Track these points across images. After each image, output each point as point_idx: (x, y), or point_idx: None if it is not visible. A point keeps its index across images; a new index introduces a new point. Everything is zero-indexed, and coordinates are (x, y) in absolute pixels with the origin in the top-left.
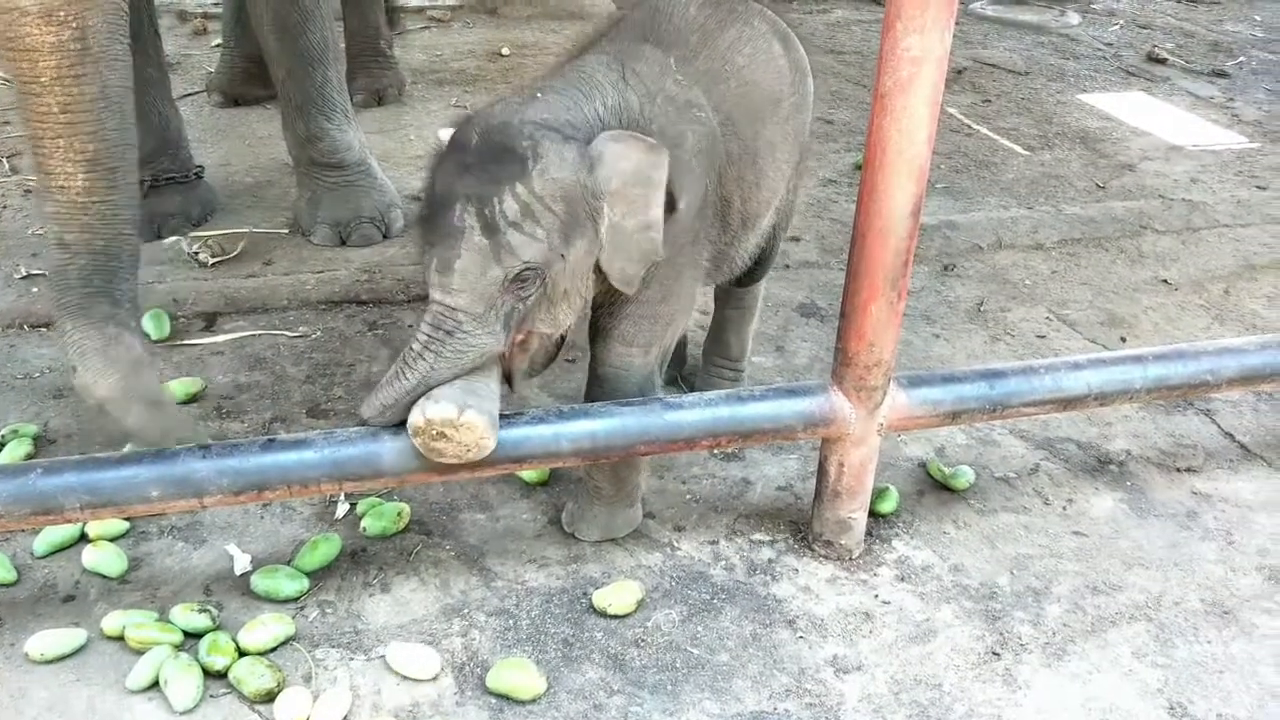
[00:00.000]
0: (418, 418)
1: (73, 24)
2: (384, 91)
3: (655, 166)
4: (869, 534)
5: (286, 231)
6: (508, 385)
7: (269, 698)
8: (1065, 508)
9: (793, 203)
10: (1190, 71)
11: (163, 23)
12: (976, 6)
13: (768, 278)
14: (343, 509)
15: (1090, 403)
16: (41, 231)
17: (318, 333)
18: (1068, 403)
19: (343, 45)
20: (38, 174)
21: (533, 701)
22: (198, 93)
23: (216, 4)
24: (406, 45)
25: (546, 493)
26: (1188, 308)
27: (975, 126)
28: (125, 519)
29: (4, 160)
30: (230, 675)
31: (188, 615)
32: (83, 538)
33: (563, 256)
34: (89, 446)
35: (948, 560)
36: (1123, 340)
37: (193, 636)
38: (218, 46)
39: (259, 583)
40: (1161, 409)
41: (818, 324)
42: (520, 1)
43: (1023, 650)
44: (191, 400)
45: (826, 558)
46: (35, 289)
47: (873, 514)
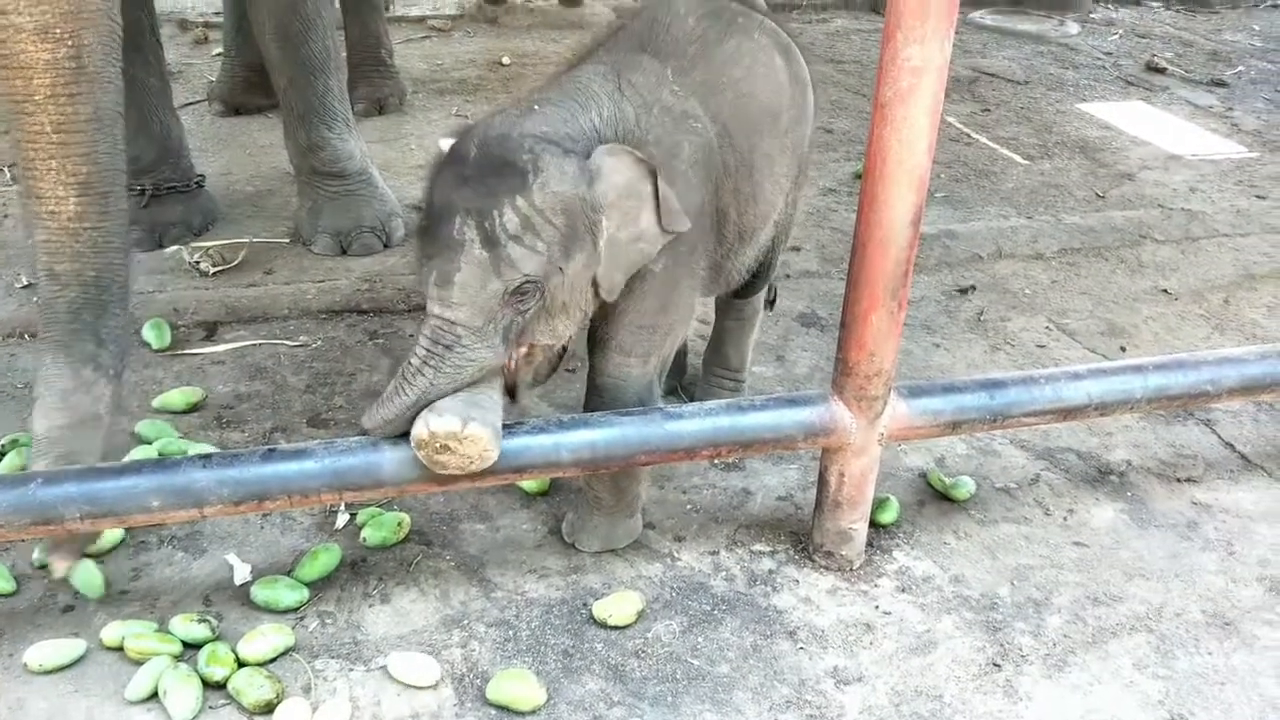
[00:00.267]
0: (421, 431)
1: (68, 42)
2: (385, 100)
3: (643, 178)
4: (869, 544)
5: (287, 241)
6: (510, 397)
7: (268, 709)
8: (1066, 518)
9: (792, 216)
10: (1189, 81)
11: (164, 31)
12: (976, 16)
13: (772, 291)
14: (343, 519)
15: (1090, 413)
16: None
17: (318, 342)
18: (1068, 413)
19: (344, 54)
20: (29, 199)
21: (532, 713)
22: (199, 101)
23: (218, 13)
24: (407, 55)
25: (546, 503)
26: (1187, 317)
27: (975, 136)
28: (125, 529)
29: (4, 170)
30: (229, 686)
31: (187, 625)
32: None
33: (561, 270)
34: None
35: (948, 571)
36: (1123, 350)
37: (192, 647)
38: (219, 55)
39: (259, 593)
40: (1162, 419)
41: (818, 333)
42: (520, 11)
43: (1023, 661)
44: (192, 410)
45: (827, 568)
46: (36, 299)
47: (873, 524)
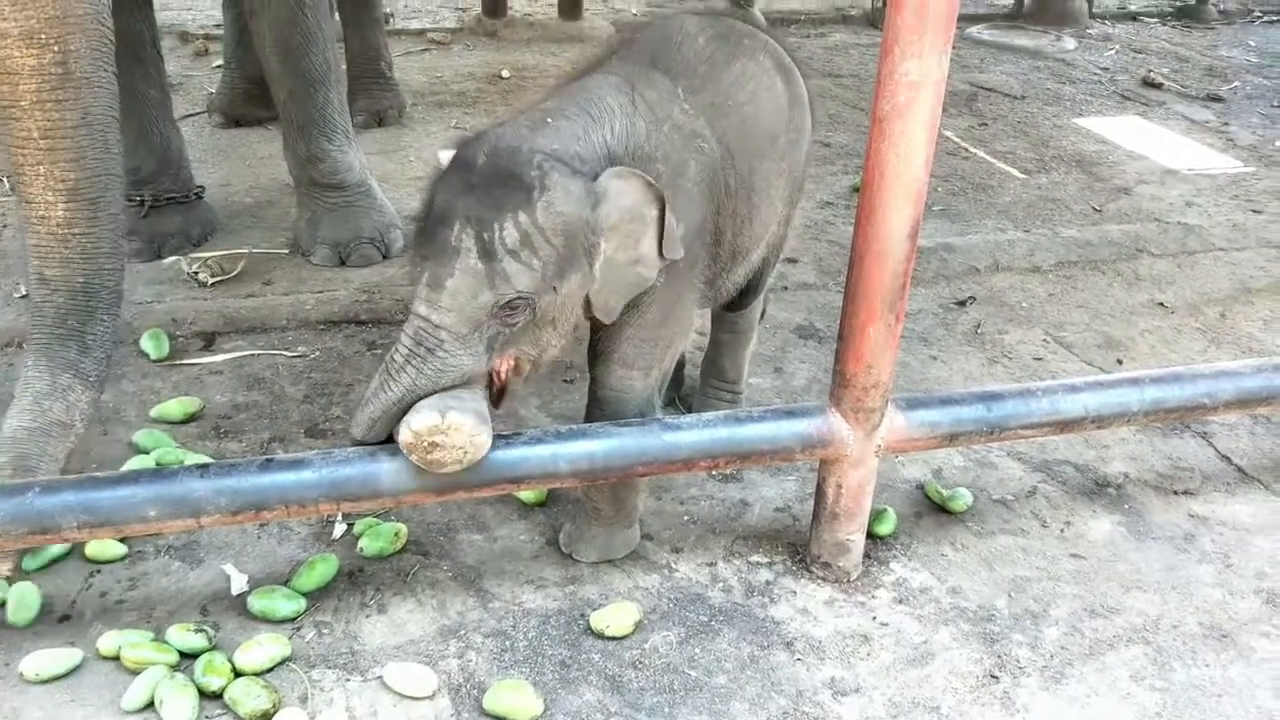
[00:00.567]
0: (405, 435)
1: (54, 47)
2: (384, 113)
3: (650, 203)
4: (867, 556)
5: (286, 252)
6: (495, 405)
7: (265, 719)
8: (1063, 530)
9: (784, 234)
10: (1185, 96)
11: (165, 44)
12: (974, 31)
13: (763, 302)
14: (340, 529)
15: (1087, 425)
16: None
17: (316, 353)
18: (1065, 425)
19: (344, 67)
20: (20, 204)
21: None
22: (199, 113)
23: (219, 25)
24: (407, 67)
25: (544, 513)
26: (1184, 330)
27: (972, 150)
28: (122, 539)
29: (4, 179)
30: (226, 696)
31: (184, 635)
32: (79, 556)
33: (555, 289)
34: (87, 466)
35: (946, 582)
36: (1119, 363)
37: (189, 657)
38: (219, 68)
39: (256, 603)
40: (1159, 432)
41: (816, 345)
42: (520, 25)
43: (1021, 673)
44: (190, 420)
45: (824, 579)
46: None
47: (871, 536)
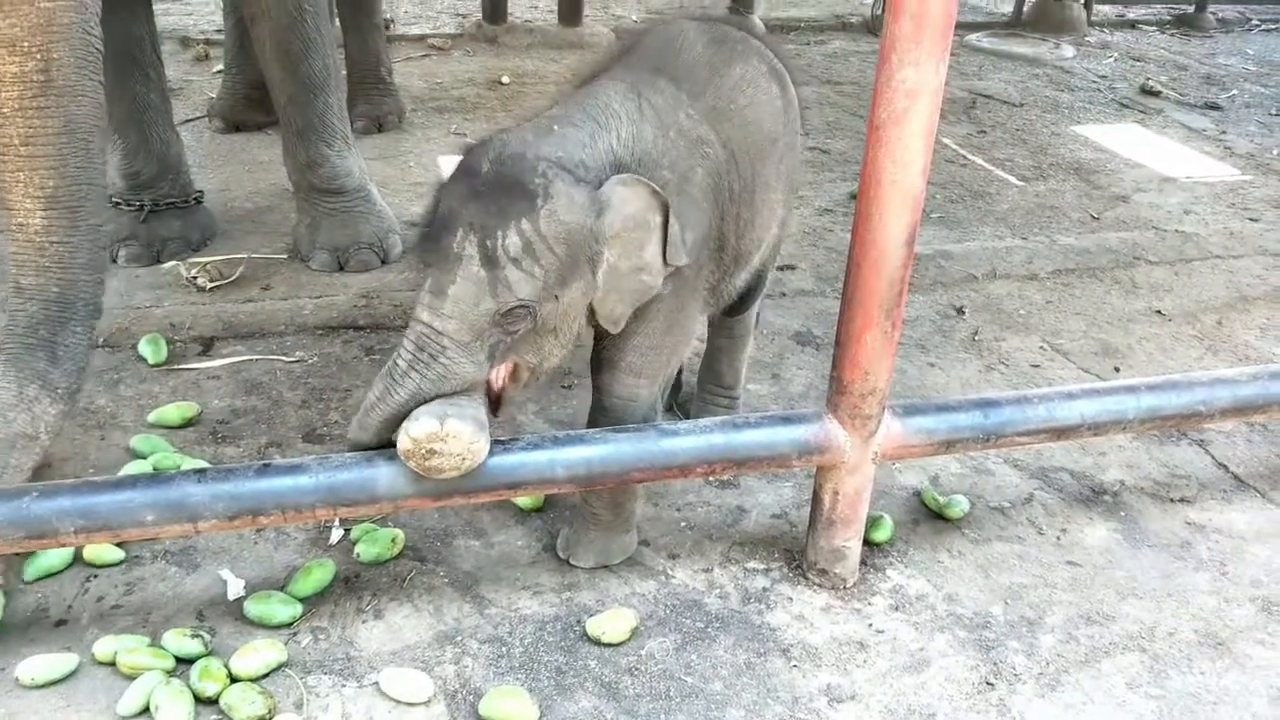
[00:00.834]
0: (404, 442)
1: (37, 55)
2: (384, 118)
3: (654, 210)
4: (863, 563)
5: (285, 257)
6: (494, 411)
7: None
8: (1059, 537)
9: (780, 238)
10: (1183, 104)
11: (165, 49)
12: (973, 39)
13: (761, 307)
14: (337, 534)
15: (1084, 433)
16: None
17: (314, 358)
18: (1061, 432)
19: (343, 72)
20: (3, 211)
21: None
22: (199, 118)
23: (219, 31)
24: (407, 73)
25: (541, 519)
26: (1181, 338)
27: (971, 157)
28: (119, 544)
29: None
30: (222, 702)
31: (180, 641)
32: (76, 561)
33: (556, 297)
34: (84, 470)
35: (942, 589)
36: (1116, 370)
37: (184, 662)
38: (220, 73)
39: (252, 608)
40: (1155, 439)
41: (813, 352)
42: (520, 30)
43: (1016, 680)
44: (187, 425)
45: (821, 586)
46: None
47: (867, 543)
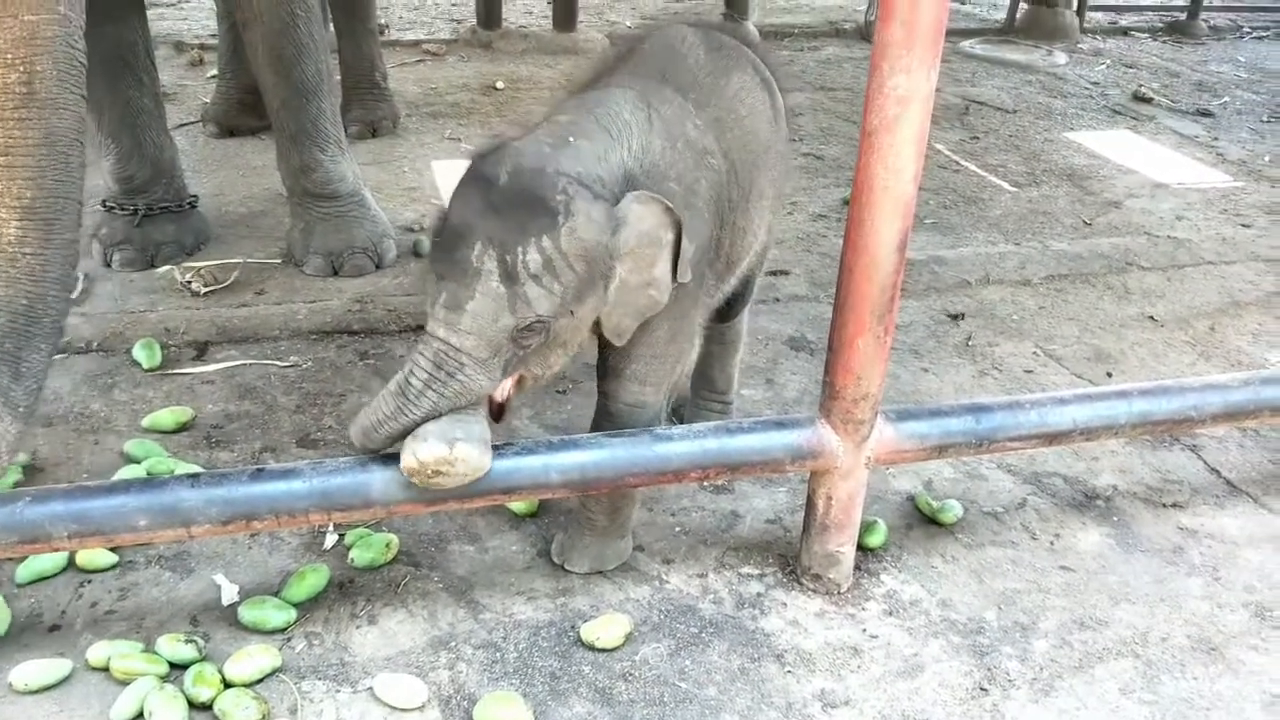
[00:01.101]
0: (411, 462)
1: (20, 67)
2: (378, 123)
3: (667, 227)
4: (857, 568)
5: (279, 261)
6: (496, 419)
7: None
8: (1052, 543)
9: (768, 244)
10: (1176, 110)
11: (160, 53)
12: (966, 45)
13: (755, 312)
14: (331, 540)
15: (1076, 438)
16: None
17: (309, 362)
18: (1053, 438)
19: (337, 77)
20: None
21: None
22: (193, 123)
23: (213, 36)
24: (401, 78)
25: (535, 524)
26: (1173, 344)
27: (964, 163)
28: (112, 548)
29: None
30: (215, 707)
31: (174, 646)
32: (70, 566)
33: (572, 313)
34: (78, 475)
35: (935, 595)
36: (1109, 376)
37: (178, 667)
38: (214, 77)
39: (246, 613)
40: (1148, 444)
41: (807, 357)
42: (515, 36)
43: (1010, 686)
44: (181, 429)
45: (815, 591)
46: None
47: (861, 548)
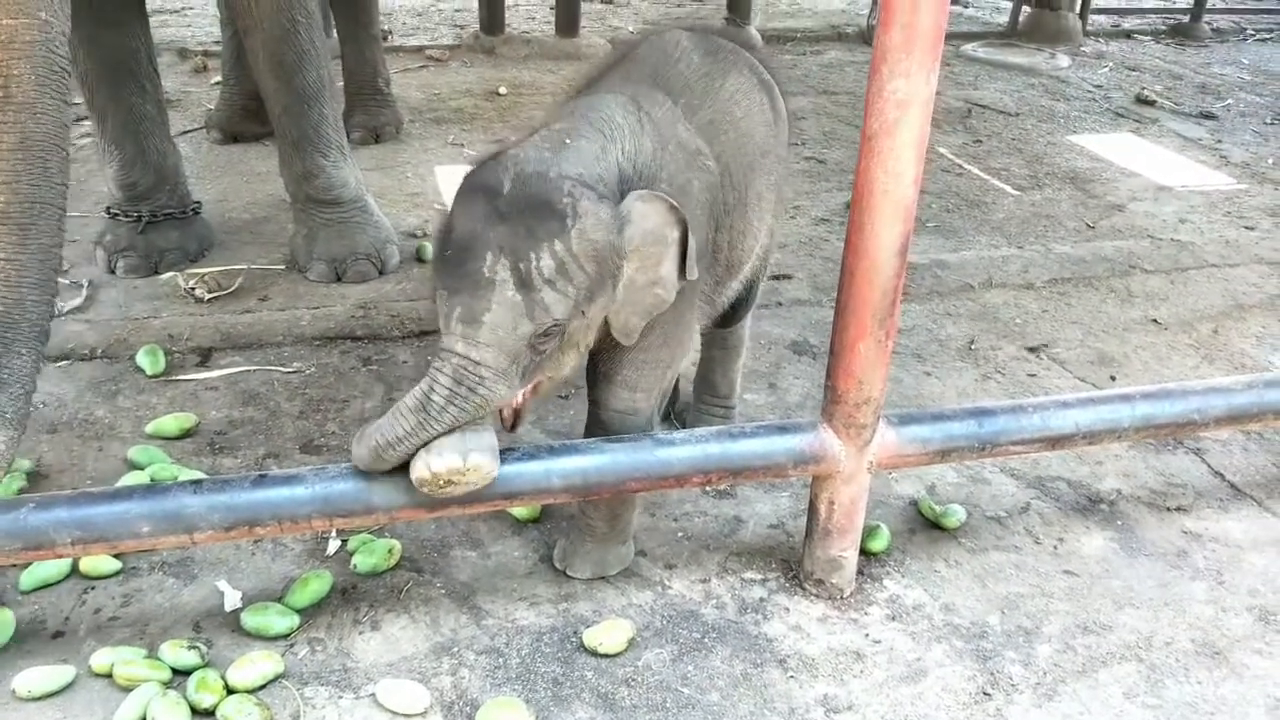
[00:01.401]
0: (423, 472)
1: None
2: (381, 129)
3: (672, 225)
4: (860, 572)
5: (283, 267)
6: (511, 429)
7: None
8: (1056, 547)
9: (770, 248)
10: (1179, 113)
11: (164, 60)
12: (968, 49)
13: (758, 316)
14: (334, 545)
15: (1079, 441)
16: None
17: (312, 368)
18: (1056, 441)
19: (340, 83)
20: None
21: None
22: (197, 129)
23: (217, 42)
24: (405, 84)
25: (538, 530)
26: (1177, 347)
27: (967, 166)
28: (116, 555)
29: None
30: (218, 713)
31: (176, 652)
32: (73, 573)
33: (584, 313)
34: (81, 481)
35: (939, 599)
36: (1112, 379)
37: (181, 674)
38: (218, 84)
39: (249, 620)
40: (1151, 448)
41: (810, 361)
42: (517, 41)
43: (1014, 690)
44: (185, 435)
45: (818, 596)
46: None
47: (864, 552)
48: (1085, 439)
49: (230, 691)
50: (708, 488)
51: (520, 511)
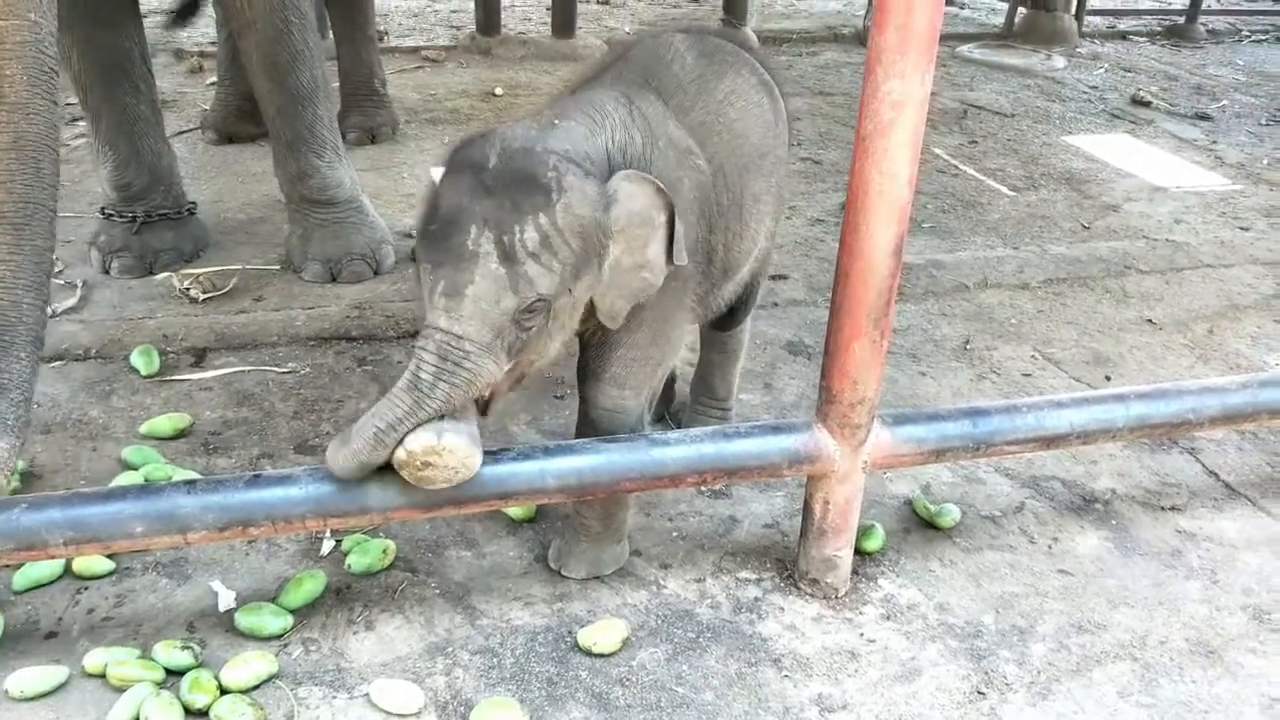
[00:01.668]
0: (400, 453)
1: None
2: (377, 130)
3: (659, 209)
4: (855, 572)
5: (278, 268)
6: (482, 414)
7: None
8: (1050, 546)
9: (769, 250)
10: (1174, 114)
11: (160, 61)
12: (964, 50)
13: (755, 316)
14: (328, 545)
15: (1073, 441)
16: None
17: (307, 369)
18: (1050, 441)
19: (335, 84)
20: None
21: None
22: (193, 130)
23: (213, 43)
24: (401, 84)
25: (533, 529)
26: (1172, 347)
27: (962, 167)
28: (109, 555)
29: None
30: (212, 714)
31: (170, 652)
32: (67, 573)
33: (570, 291)
34: (75, 482)
35: (933, 599)
36: (1108, 379)
37: (175, 674)
38: (213, 85)
39: (243, 620)
40: (1146, 448)
41: (805, 361)
42: (513, 43)
43: (1008, 689)
44: (179, 436)
45: (812, 596)
46: None
47: (858, 552)
48: (1080, 439)
49: (224, 692)
50: (703, 488)
51: (515, 511)
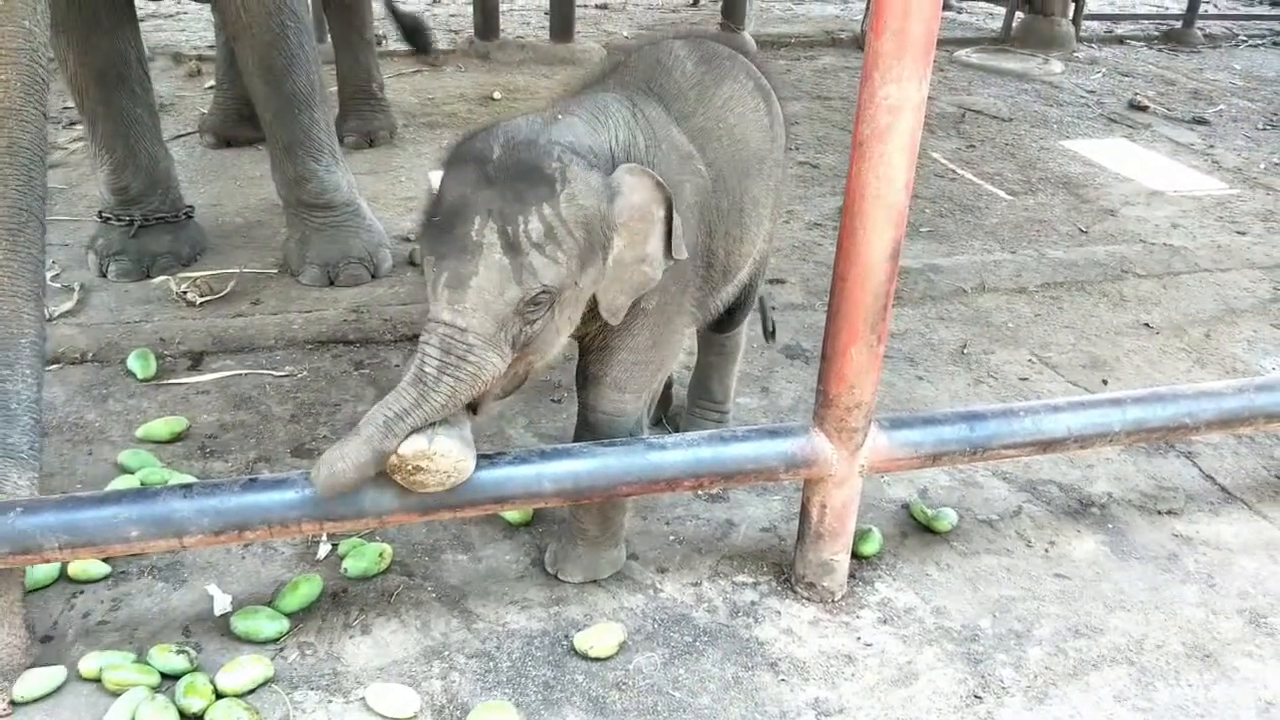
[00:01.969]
0: (392, 458)
1: None
2: (375, 133)
3: (659, 203)
4: (852, 576)
5: (275, 271)
6: (473, 411)
7: None
8: (1047, 550)
9: (767, 253)
10: (1171, 119)
11: (158, 64)
12: (962, 55)
13: (752, 320)
14: (324, 549)
15: (1070, 445)
16: None
17: (304, 372)
18: (1047, 445)
19: (333, 88)
20: None
21: None
22: (190, 133)
23: (211, 47)
24: (399, 88)
25: (529, 533)
26: (1169, 351)
27: (960, 171)
28: (104, 559)
29: None
30: (207, 718)
31: (166, 656)
32: (62, 577)
33: (575, 283)
34: (71, 485)
35: (930, 602)
36: (1104, 383)
37: (170, 678)
38: (211, 88)
39: (239, 624)
40: (1143, 451)
41: (803, 365)
42: (512, 47)
43: (1004, 693)
44: (176, 439)
45: (809, 600)
46: None
47: (855, 556)
48: (1077, 443)
49: (219, 696)
50: (700, 492)
51: (512, 515)
